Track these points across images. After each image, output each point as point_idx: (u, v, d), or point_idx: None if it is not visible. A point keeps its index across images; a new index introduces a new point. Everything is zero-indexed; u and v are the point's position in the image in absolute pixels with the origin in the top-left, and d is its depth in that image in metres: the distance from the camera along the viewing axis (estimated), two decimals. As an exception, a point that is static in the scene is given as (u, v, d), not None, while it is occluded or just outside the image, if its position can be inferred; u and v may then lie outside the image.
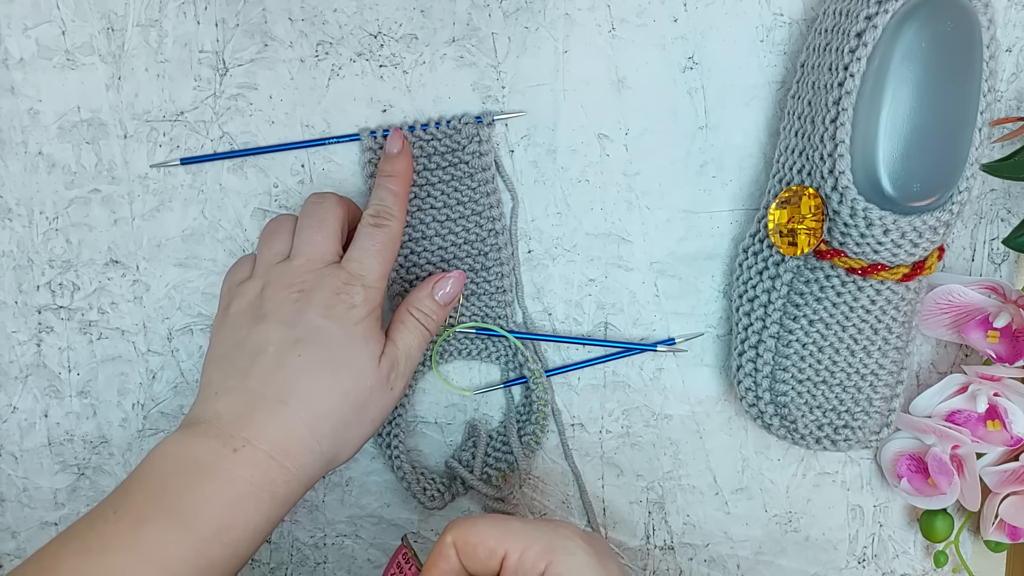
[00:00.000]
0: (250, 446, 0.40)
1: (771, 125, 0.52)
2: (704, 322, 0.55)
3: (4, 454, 0.55)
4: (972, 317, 0.51)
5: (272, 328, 0.43)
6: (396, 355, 0.46)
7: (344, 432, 0.43)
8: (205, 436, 0.41)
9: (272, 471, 0.41)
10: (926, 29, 0.43)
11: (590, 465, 0.56)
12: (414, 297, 0.48)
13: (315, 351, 0.43)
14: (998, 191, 0.54)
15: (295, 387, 0.42)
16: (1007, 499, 0.53)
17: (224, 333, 0.45)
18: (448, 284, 0.49)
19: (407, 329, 0.47)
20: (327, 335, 0.43)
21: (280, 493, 0.41)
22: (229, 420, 0.41)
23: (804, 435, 0.50)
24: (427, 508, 0.53)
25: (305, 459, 0.42)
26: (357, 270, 0.45)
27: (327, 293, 0.44)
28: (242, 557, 0.40)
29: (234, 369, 0.43)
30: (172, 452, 0.41)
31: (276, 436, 0.41)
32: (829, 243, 0.46)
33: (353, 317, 0.44)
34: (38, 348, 0.54)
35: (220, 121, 0.52)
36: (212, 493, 0.39)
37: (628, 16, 0.51)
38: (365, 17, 0.51)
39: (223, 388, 0.43)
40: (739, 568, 0.57)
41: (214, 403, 0.42)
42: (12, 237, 0.53)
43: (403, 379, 0.46)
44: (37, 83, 0.52)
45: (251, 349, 0.43)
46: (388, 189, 0.47)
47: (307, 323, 0.43)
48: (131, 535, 0.38)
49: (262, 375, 0.42)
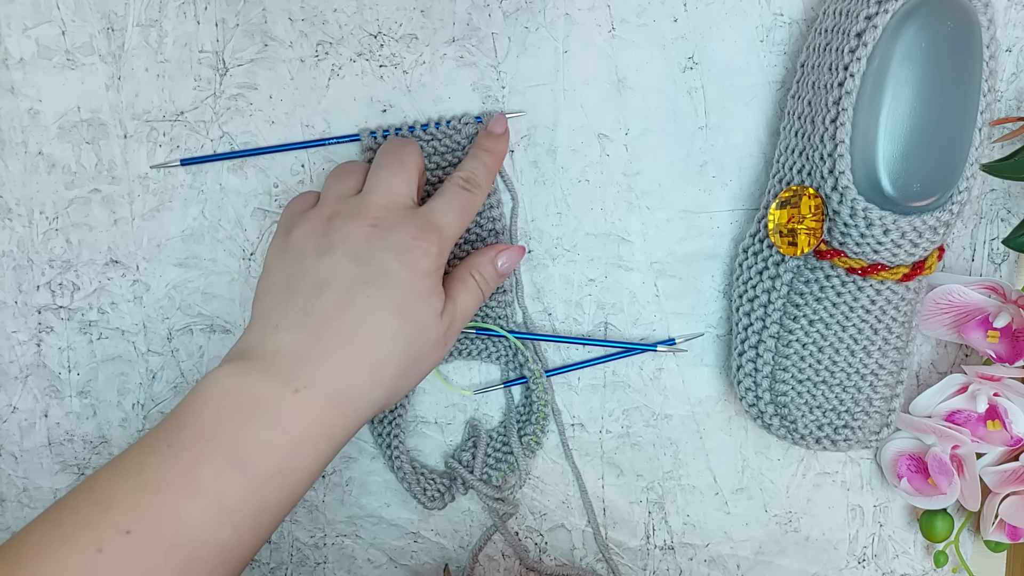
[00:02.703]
0: (311, 389, 0.39)
1: (771, 125, 0.52)
2: (704, 322, 0.55)
3: (4, 454, 0.55)
4: (972, 317, 0.51)
5: (340, 261, 0.41)
6: (455, 312, 0.44)
7: (400, 380, 0.42)
8: (264, 373, 0.39)
9: (331, 416, 0.39)
10: (926, 29, 0.43)
11: (590, 465, 0.56)
12: (477, 260, 0.47)
13: (384, 295, 0.40)
14: (998, 191, 0.54)
15: (361, 331, 0.40)
16: (1007, 499, 0.53)
17: (285, 259, 0.42)
18: (509, 254, 0.48)
19: (467, 290, 0.46)
20: (397, 280, 0.41)
21: (336, 436, 0.40)
22: (290, 359, 0.39)
23: (804, 435, 0.50)
24: (427, 508, 0.53)
25: (362, 405, 0.40)
26: (437, 220, 0.43)
27: (403, 235, 0.41)
28: (296, 498, 0.39)
29: (296, 301, 0.41)
30: (227, 385, 0.39)
31: (338, 382, 0.39)
32: (829, 243, 0.46)
33: (425, 267, 0.42)
34: (38, 348, 0.54)
35: (220, 121, 0.52)
36: (271, 436, 0.38)
37: (628, 16, 0.51)
38: (365, 17, 0.51)
39: (283, 322, 0.40)
40: (739, 568, 0.57)
41: (273, 336, 0.40)
42: (12, 237, 0.53)
43: (455, 336, 0.45)
44: (37, 83, 0.52)
45: (315, 281, 0.41)
46: (483, 162, 0.47)
47: (379, 263, 0.41)
48: (189, 473, 0.36)
49: (326, 312, 0.40)
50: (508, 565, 0.57)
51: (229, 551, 0.37)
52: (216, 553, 0.37)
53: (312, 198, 0.45)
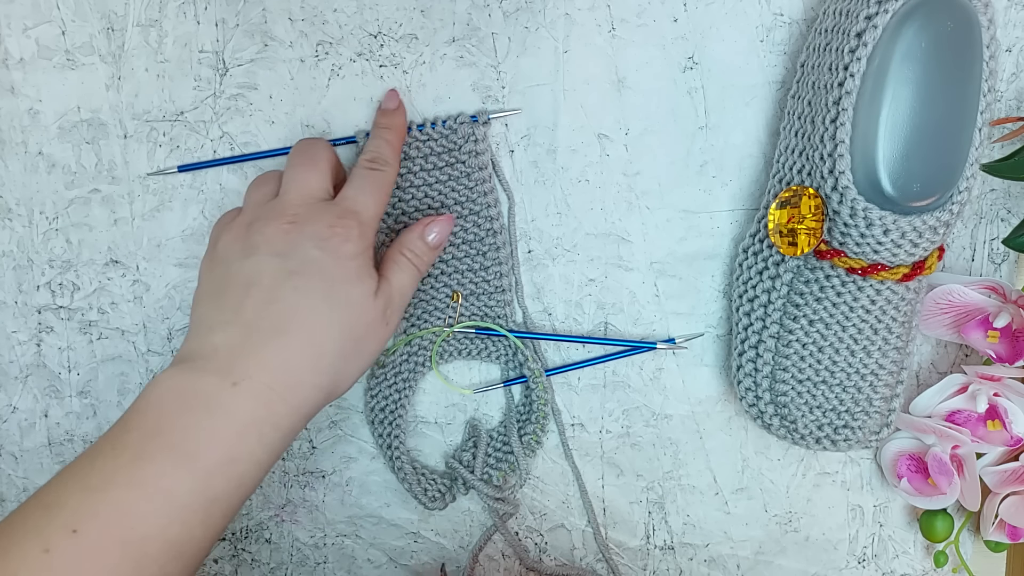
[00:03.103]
0: (250, 379, 0.40)
1: (771, 125, 0.52)
2: (704, 322, 0.55)
3: (4, 454, 0.55)
4: (972, 317, 0.51)
5: (264, 260, 0.42)
6: (391, 291, 0.45)
7: (343, 365, 0.43)
8: (203, 371, 0.40)
9: (274, 404, 0.40)
10: (926, 29, 0.43)
11: (590, 465, 0.56)
12: (405, 238, 0.48)
13: (311, 283, 0.42)
14: (998, 191, 0.54)
15: (293, 319, 0.41)
16: (1007, 499, 0.53)
17: (213, 269, 0.44)
18: (438, 226, 0.48)
19: (400, 268, 0.46)
20: (322, 267, 0.42)
21: (283, 425, 0.40)
22: (226, 354, 0.40)
23: (804, 435, 0.50)
24: (427, 508, 0.53)
25: (306, 391, 0.41)
26: (352, 206, 0.44)
27: (321, 226, 0.43)
28: (247, 489, 0.40)
29: (228, 303, 0.42)
30: (169, 387, 0.40)
31: (276, 369, 0.40)
32: (829, 243, 0.46)
33: (348, 252, 0.43)
34: (38, 348, 0.54)
35: (220, 121, 0.52)
36: (214, 427, 0.39)
37: (628, 16, 0.51)
38: (365, 17, 0.51)
39: (217, 323, 0.41)
40: (739, 568, 0.57)
41: (209, 337, 0.41)
42: (12, 237, 0.53)
43: (397, 315, 0.46)
44: (37, 83, 0.52)
45: (243, 282, 0.42)
46: (384, 139, 0.47)
47: (301, 254, 0.42)
48: (133, 470, 0.37)
49: (258, 307, 0.41)
50: (508, 565, 0.57)
51: (180, 545, 0.38)
52: (166, 548, 0.37)
53: (236, 212, 0.47)
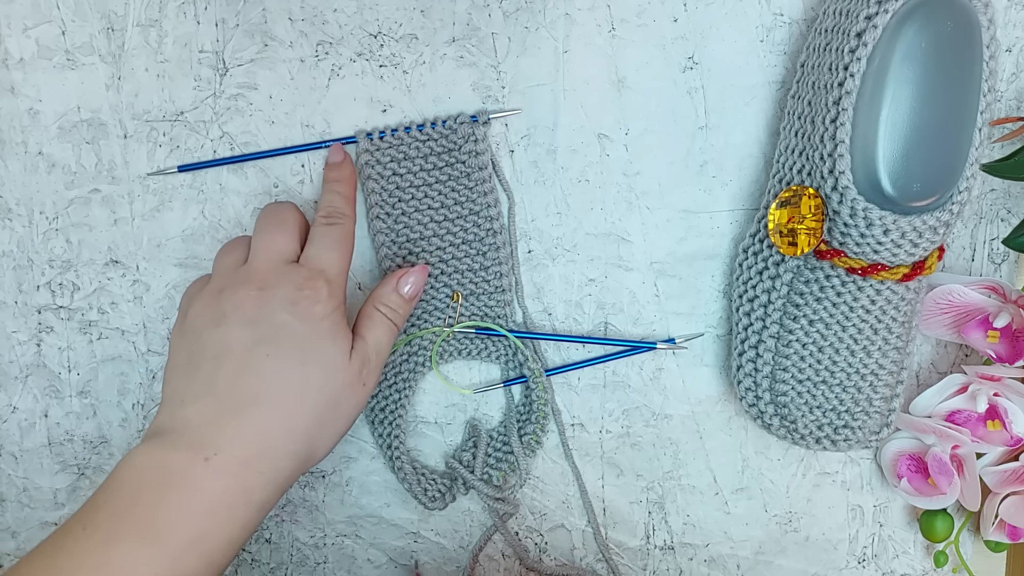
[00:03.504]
0: (222, 453, 0.39)
1: (771, 125, 0.52)
2: (704, 322, 0.55)
3: (4, 454, 0.56)
4: (972, 317, 0.51)
5: (234, 329, 0.42)
6: (366, 351, 0.45)
7: (319, 431, 0.42)
8: (175, 447, 0.39)
9: (246, 478, 0.40)
10: (926, 29, 0.43)
11: (590, 465, 0.56)
12: (379, 293, 0.47)
13: (283, 349, 0.41)
14: (998, 191, 0.54)
15: (265, 388, 0.41)
16: (1007, 499, 0.53)
17: (184, 340, 0.43)
18: (412, 277, 0.48)
19: (375, 324, 0.46)
20: (293, 332, 0.42)
21: (255, 500, 0.40)
22: (198, 428, 0.40)
23: (804, 435, 0.50)
24: (427, 508, 0.53)
25: (280, 462, 0.41)
26: (317, 264, 0.44)
27: (290, 289, 0.42)
28: (219, 566, 0.39)
29: (199, 374, 0.41)
30: (140, 464, 0.39)
31: (249, 441, 0.40)
32: (829, 243, 0.46)
33: (319, 312, 0.42)
34: (38, 348, 0.54)
35: (220, 121, 0.52)
36: (184, 506, 0.38)
37: (628, 16, 0.51)
38: (365, 17, 0.51)
39: (189, 395, 0.41)
40: (739, 568, 0.57)
41: (181, 411, 0.41)
42: (12, 237, 0.53)
43: (375, 374, 0.45)
44: (37, 83, 0.52)
45: (214, 352, 0.41)
46: (336, 192, 0.48)
47: (271, 321, 0.42)
48: (101, 553, 0.37)
49: (229, 378, 0.41)
50: (508, 565, 0.57)
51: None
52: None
53: (206, 280, 0.46)
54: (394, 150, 0.51)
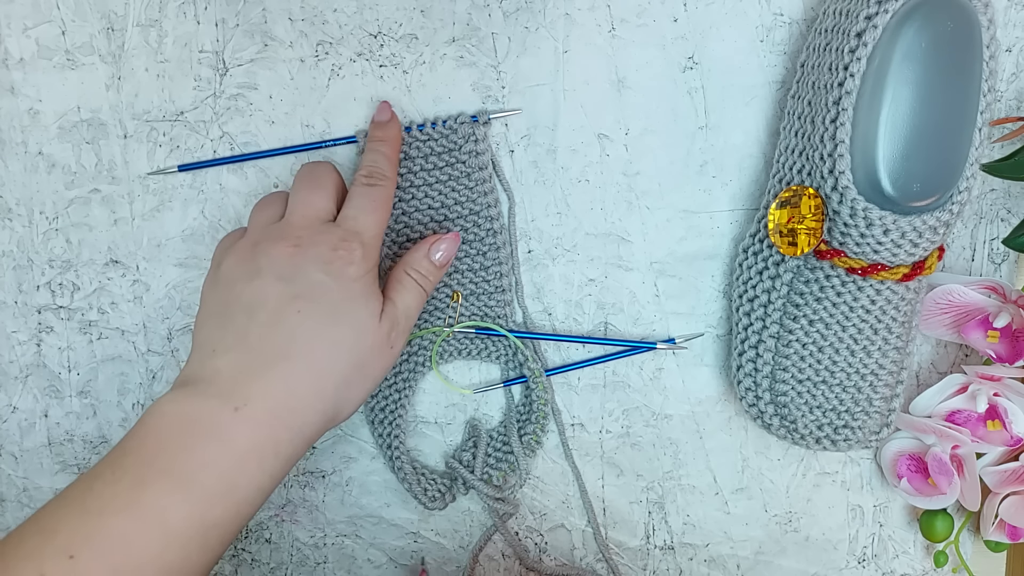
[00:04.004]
0: (252, 405, 0.39)
1: (771, 125, 0.52)
2: (704, 322, 0.55)
3: (4, 454, 0.55)
4: (972, 317, 0.51)
5: (268, 283, 0.42)
6: (396, 314, 0.45)
7: (346, 390, 0.43)
8: (204, 395, 0.40)
9: (275, 430, 0.40)
10: (926, 29, 0.43)
11: (590, 465, 0.56)
12: (411, 258, 0.48)
13: (315, 307, 0.42)
14: (998, 191, 0.54)
15: (296, 343, 0.41)
16: (1007, 499, 0.53)
17: (217, 290, 0.44)
18: (444, 244, 0.48)
19: (405, 289, 0.46)
20: (326, 291, 0.42)
21: (283, 452, 0.40)
22: (229, 378, 0.40)
23: (804, 435, 0.50)
24: (427, 508, 0.53)
25: (308, 416, 0.41)
26: (353, 227, 0.44)
27: (325, 248, 0.43)
28: (246, 514, 0.40)
29: (231, 326, 0.42)
30: (169, 411, 0.39)
31: (279, 394, 0.40)
32: (829, 243, 0.46)
33: (352, 273, 0.43)
34: (38, 348, 0.54)
35: (220, 121, 0.52)
36: (213, 455, 0.38)
37: (628, 16, 0.51)
38: (365, 17, 0.51)
39: (221, 345, 0.41)
40: (739, 568, 0.57)
41: (212, 360, 0.41)
42: (12, 237, 0.53)
43: (402, 338, 0.46)
44: (37, 83, 0.52)
45: (247, 305, 0.42)
46: (380, 152, 0.47)
47: (305, 278, 0.42)
48: (130, 496, 0.37)
49: (261, 331, 0.41)
50: (508, 565, 0.57)
51: (177, 570, 0.37)
52: (162, 572, 0.37)
53: (240, 233, 0.47)
54: (394, 150, 0.51)
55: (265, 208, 0.46)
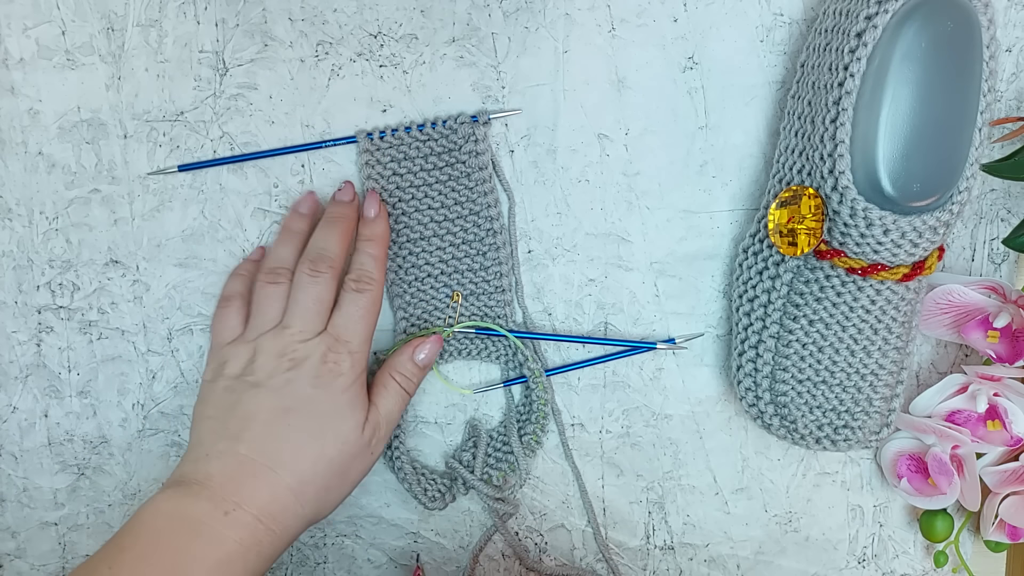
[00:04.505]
0: (240, 510, 0.43)
1: (771, 125, 0.52)
2: (704, 322, 0.55)
3: (4, 454, 0.55)
4: (972, 317, 0.51)
5: (264, 396, 0.46)
6: (378, 420, 0.49)
7: (326, 495, 0.47)
8: (197, 497, 0.43)
9: (259, 533, 0.43)
10: (926, 29, 0.43)
11: (590, 465, 0.56)
12: (396, 361, 0.51)
13: (303, 421, 0.46)
14: (998, 191, 0.54)
15: (283, 455, 0.45)
16: (1007, 499, 0.53)
17: (216, 395, 0.47)
18: (427, 347, 0.51)
19: (389, 394, 0.50)
20: (315, 404, 0.46)
21: (265, 552, 0.44)
22: (220, 483, 0.44)
23: (804, 435, 0.50)
24: (427, 508, 0.53)
25: (289, 521, 0.45)
26: (343, 336, 0.47)
27: (315, 361, 0.46)
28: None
29: (225, 432, 0.45)
30: (165, 510, 0.43)
31: (264, 501, 0.44)
32: (829, 243, 0.46)
33: (340, 385, 0.46)
34: (38, 348, 0.54)
35: (220, 121, 0.52)
36: (204, 553, 0.42)
37: (628, 16, 0.51)
38: (365, 17, 0.51)
39: (214, 450, 0.45)
40: (739, 568, 0.57)
41: (205, 465, 0.45)
42: (12, 237, 0.53)
43: (382, 443, 0.49)
44: (37, 83, 0.52)
45: (243, 414, 0.46)
46: (368, 254, 0.50)
47: (297, 393, 0.46)
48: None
49: (252, 441, 0.45)
50: (508, 565, 0.57)
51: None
52: None
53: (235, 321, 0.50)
54: (394, 150, 0.51)
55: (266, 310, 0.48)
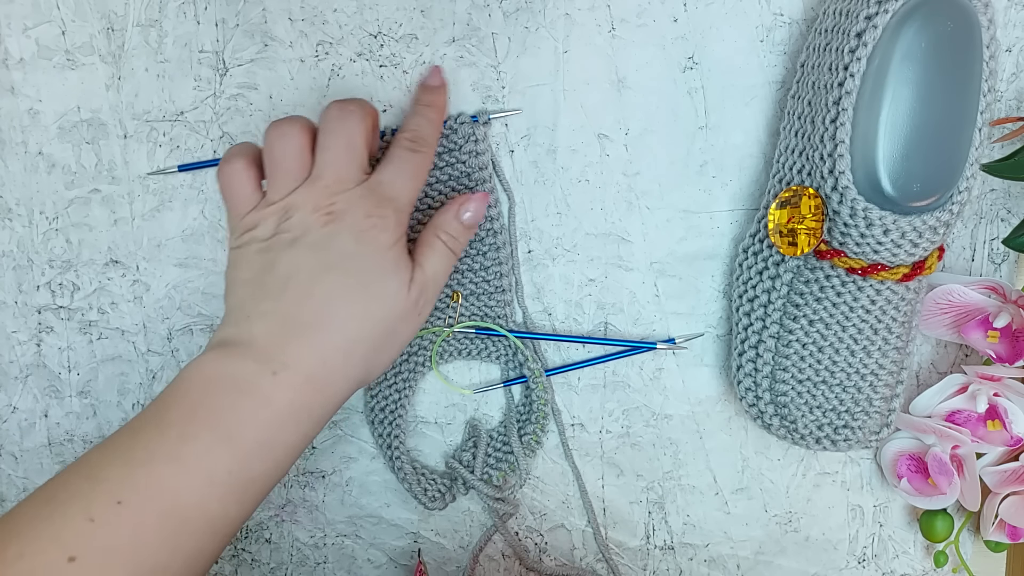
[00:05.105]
0: (288, 370, 0.41)
1: (771, 125, 0.52)
2: (704, 322, 0.55)
3: (4, 454, 0.55)
4: (972, 317, 0.51)
5: (304, 254, 0.42)
6: (425, 280, 0.45)
7: (375, 356, 0.44)
8: (243, 358, 0.41)
9: (308, 394, 0.41)
10: (926, 29, 0.43)
11: (590, 465, 0.56)
12: (441, 220, 0.47)
13: (348, 278, 0.42)
14: (998, 191, 0.54)
15: (329, 313, 0.42)
16: (1007, 499, 0.53)
17: (250, 257, 0.44)
18: (473, 204, 0.48)
19: (435, 253, 0.47)
20: (359, 261, 0.43)
21: (316, 414, 0.42)
22: (265, 343, 0.41)
23: (804, 435, 0.50)
24: (428, 508, 0.53)
25: (339, 383, 0.43)
26: (389, 192, 0.44)
27: (359, 216, 0.43)
28: (281, 471, 0.42)
29: (266, 293, 0.42)
30: (210, 371, 0.41)
31: (312, 361, 0.41)
32: (829, 243, 0.46)
33: (385, 242, 0.43)
34: (38, 348, 0.54)
35: (220, 121, 0.52)
36: (253, 412, 0.40)
37: (628, 16, 0.51)
38: (365, 17, 0.51)
39: (256, 312, 0.42)
40: (739, 568, 0.57)
41: (248, 325, 0.42)
42: (12, 237, 0.53)
43: (430, 303, 0.46)
44: (37, 83, 0.52)
45: (283, 274, 0.42)
46: (427, 118, 0.47)
47: (339, 248, 0.42)
48: (177, 447, 0.38)
49: (296, 300, 0.42)
50: (508, 565, 0.57)
51: (216, 520, 0.39)
52: (204, 522, 0.39)
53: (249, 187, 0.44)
54: (394, 150, 0.51)
55: (289, 156, 0.44)
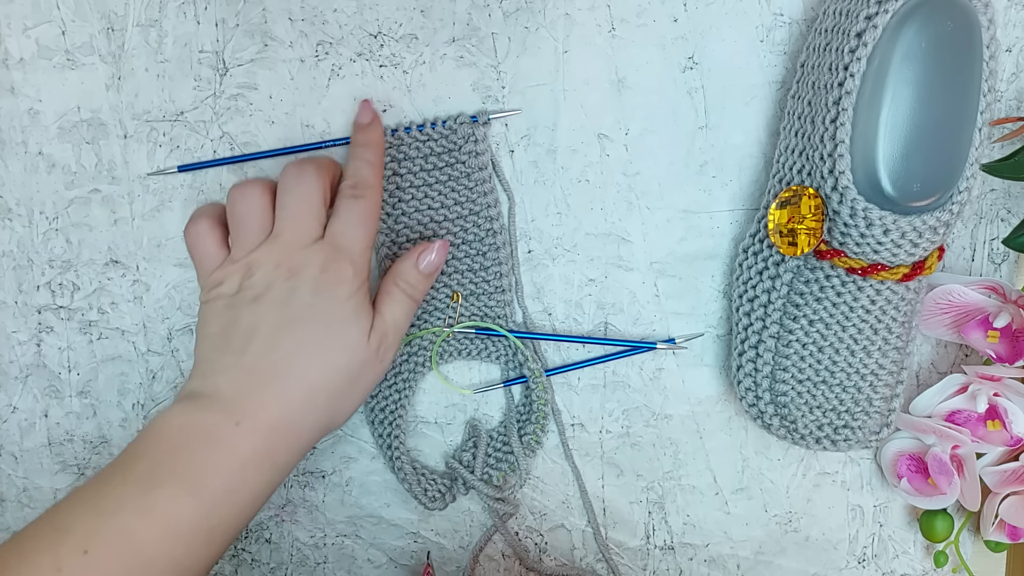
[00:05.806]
0: (251, 420, 0.42)
1: (771, 125, 0.52)
2: (704, 322, 0.55)
3: (4, 454, 0.56)
4: (972, 317, 0.51)
5: (266, 308, 0.44)
6: (385, 328, 0.47)
7: (338, 403, 0.45)
8: (208, 410, 0.42)
9: (273, 441, 0.43)
10: (926, 29, 0.43)
11: (590, 465, 0.56)
12: (399, 268, 0.49)
13: (309, 329, 0.44)
14: (998, 191, 0.54)
15: (292, 364, 0.44)
16: (1007, 499, 0.53)
17: (218, 311, 0.46)
18: (432, 253, 0.49)
19: (394, 301, 0.48)
20: (319, 313, 0.44)
21: (280, 461, 0.43)
22: (230, 395, 0.43)
23: (804, 435, 0.50)
24: (428, 508, 0.53)
25: (303, 431, 0.44)
26: (342, 243, 0.45)
27: (316, 270, 0.45)
28: (247, 516, 0.43)
29: (230, 347, 0.44)
30: (176, 423, 0.42)
31: (275, 411, 0.43)
32: (829, 243, 0.46)
33: (342, 294, 0.45)
34: (38, 348, 0.54)
35: (220, 121, 0.52)
36: (219, 461, 0.41)
37: (628, 16, 0.51)
38: (365, 17, 0.51)
39: (220, 365, 0.44)
40: (739, 568, 0.57)
41: (213, 379, 0.44)
42: (12, 237, 0.53)
43: (392, 350, 0.48)
44: (37, 83, 0.52)
45: (246, 328, 0.44)
46: (364, 160, 0.48)
47: (300, 302, 0.44)
48: (144, 499, 0.40)
49: (259, 353, 0.44)
50: (508, 565, 0.57)
51: (184, 566, 0.40)
52: (170, 569, 0.40)
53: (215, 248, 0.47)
54: (394, 150, 0.51)
55: (251, 215, 0.46)
